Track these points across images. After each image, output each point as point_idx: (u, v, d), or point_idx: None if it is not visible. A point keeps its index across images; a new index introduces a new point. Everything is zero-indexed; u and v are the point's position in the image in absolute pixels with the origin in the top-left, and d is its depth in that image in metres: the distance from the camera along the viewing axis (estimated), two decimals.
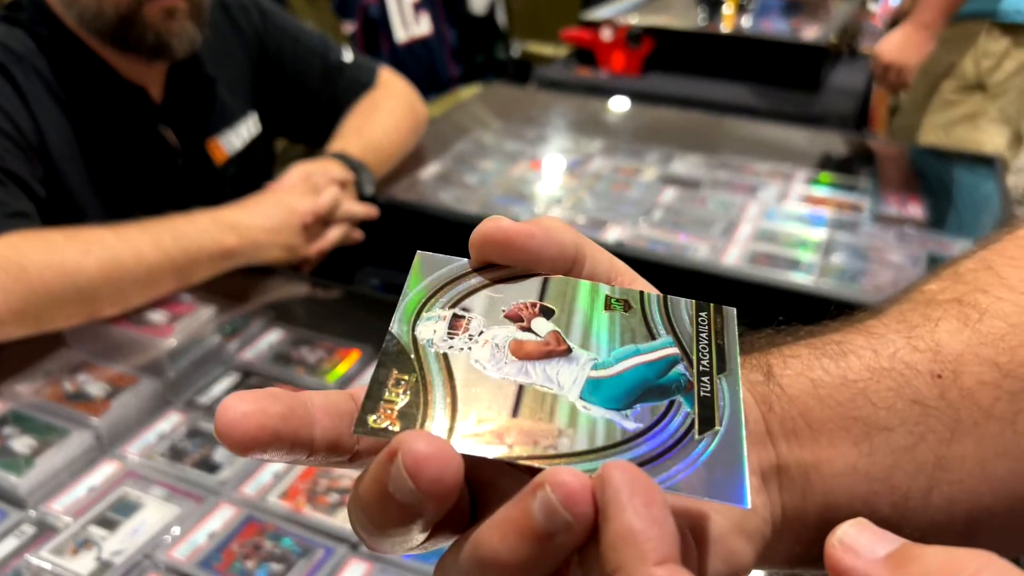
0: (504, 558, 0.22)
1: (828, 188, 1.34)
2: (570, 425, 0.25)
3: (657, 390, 0.26)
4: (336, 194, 1.13)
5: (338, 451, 0.26)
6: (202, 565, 0.67)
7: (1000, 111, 1.97)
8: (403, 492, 0.22)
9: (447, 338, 0.26)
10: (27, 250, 0.89)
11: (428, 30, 3.01)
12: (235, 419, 0.24)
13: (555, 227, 0.29)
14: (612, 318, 0.28)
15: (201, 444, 0.80)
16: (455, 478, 0.22)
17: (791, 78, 2.07)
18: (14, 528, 0.71)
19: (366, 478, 0.24)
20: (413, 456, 0.22)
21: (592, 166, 1.41)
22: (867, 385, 0.31)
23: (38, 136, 1.01)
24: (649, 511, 0.21)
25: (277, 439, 0.25)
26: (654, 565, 0.21)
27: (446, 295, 0.28)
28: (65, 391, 0.84)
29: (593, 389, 0.26)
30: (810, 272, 1.08)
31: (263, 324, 0.98)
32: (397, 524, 0.24)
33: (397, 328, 0.27)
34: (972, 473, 0.31)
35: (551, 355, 0.27)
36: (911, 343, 0.32)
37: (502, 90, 2.10)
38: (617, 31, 2.17)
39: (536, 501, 0.22)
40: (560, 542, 0.22)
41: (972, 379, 0.31)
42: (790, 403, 0.31)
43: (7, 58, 1.01)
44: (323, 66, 1.35)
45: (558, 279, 0.29)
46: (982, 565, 0.20)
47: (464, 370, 0.26)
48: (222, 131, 1.23)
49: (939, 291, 0.34)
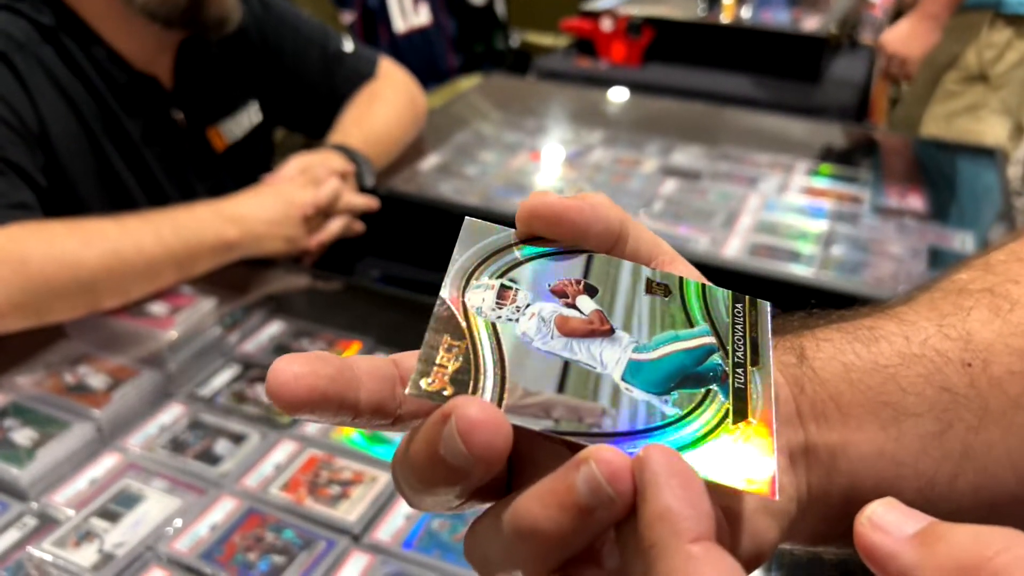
0: (544, 528, 0.23)
1: (828, 180, 1.34)
2: (613, 405, 0.25)
3: (694, 377, 0.27)
4: (336, 186, 1.13)
5: (382, 414, 0.27)
6: (204, 557, 0.68)
7: (1001, 102, 1.97)
8: (454, 455, 0.23)
9: (496, 307, 0.27)
10: (28, 242, 0.89)
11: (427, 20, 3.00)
12: (287, 380, 0.25)
13: (601, 203, 0.30)
14: (653, 302, 0.29)
15: (202, 436, 0.80)
16: (505, 445, 0.23)
17: (791, 69, 2.06)
18: (16, 520, 0.71)
19: (417, 438, 0.24)
20: (467, 421, 0.23)
21: (592, 157, 1.41)
22: (897, 371, 0.31)
23: (39, 125, 1.01)
24: (686, 493, 0.22)
25: (325, 400, 0.25)
26: (689, 543, 0.21)
27: (493, 264, 0.28)
28: (66, 383, 0.84)
29: (635, 371, 0.26)
30: (810, 264, 1.08)
31: (264, 316, 0.98)
32: (444, 484, 0.24)
33: (447, 293, 0.27)
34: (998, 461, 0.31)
35: (595, 334, 0.27)
36: (942, 331, 0.32)
37: (502, 81, 2.10)
38: (617, 21, 2.17)
39: (580, 476, 0.23)
40: (600, 517, 0.23)
41: (1001, 368, 0.31)
42: (821, 386, 0.31)
43: (8, 46, 1.00)
44: (323, 56, 1.35)
45: (601, 258, 0.29)
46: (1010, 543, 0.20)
47: (512, 341, 0.26)
48: (223, 119, 1.23)
49: (970, 281, 0.34)
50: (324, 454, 0.78)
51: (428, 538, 0.69)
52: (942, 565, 0.20)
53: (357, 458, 0.78)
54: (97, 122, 1.06)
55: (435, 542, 0.69)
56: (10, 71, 0.99)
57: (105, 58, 1.06)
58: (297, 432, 0.81)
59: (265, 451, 0.78)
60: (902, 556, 0.21)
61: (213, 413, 0.83)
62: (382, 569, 0.67)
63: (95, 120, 1.06)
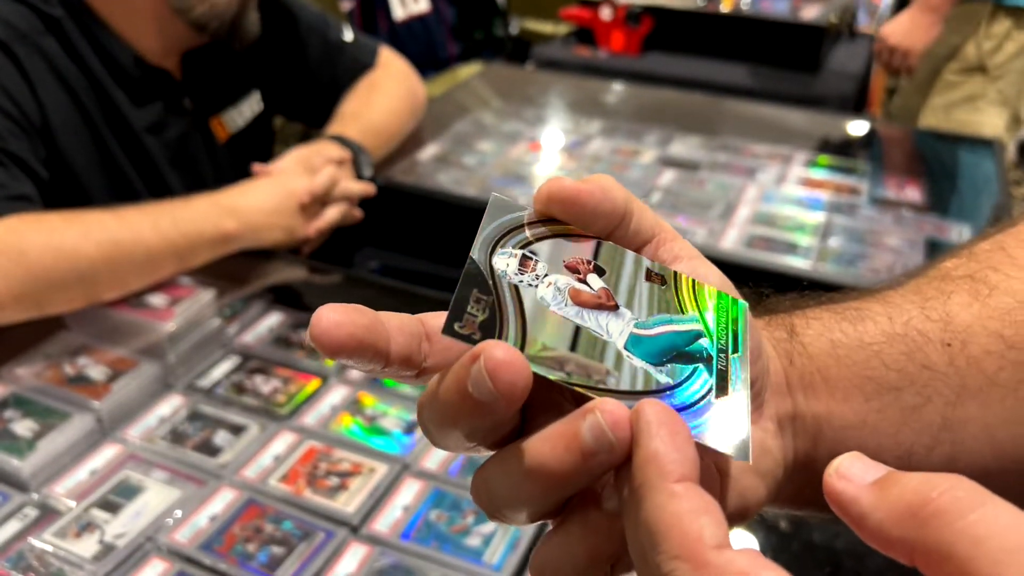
0: (550, 467, 0.26)
1: (827, 171, 1.34)
2: (616, 368, 0.29)
3: (685, 356, 0.30)
4: (333, 173, 1.13)
5: (408, 365, 0.29)
6: (204, 548, 0.68)
7: (999, 93, 1.97)
8: (481, 391, 0.25)
9: (518, 272, 0.30)
10: (27, 233, 0.89)
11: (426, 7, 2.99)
12: (329, 326, 0.27)
13: (609, 185, 0.32)
14: (651, 288, 0.32)
15: (202, 427, 0.81)
16: (526, 384, 0.25)
17: (791, 58, 2.06)
18: (17, 511, 0.71)
19: (448, 378, 0.27)
20: (494, 361, 0.25)
21: (591, 147, 1.41)
22: (881, 348, 0.34)
23: (41, 116, 1.01)
24: (673, 440, 0.25)
25: (361, 347, 0.28)
26: (673, 482, 0.24)
27: (516, 237, 0.31)
28: (66, 374, 0.85)
29: (635, 343, 0.30)
30: (808, 256, 1.08)
31: (263, 307, 0.98)
32: (468, 419, 0.27)
33: (478, 255, 0.30)
34: (974, 435, 0.33)
35: (602, 307, 0.30)
36: (924, 312, 0.35)
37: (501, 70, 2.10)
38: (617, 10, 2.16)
39: (586, 423, 0.25)
40: (600, 460, 0.26)
41: (979, 348, 0.33)
42: (810, 360, 0.34)
43: (9, 36, 1.00)
44: (323, 44, 1.34)
45: (609, 245, 0.33)
46: (953, 484, 0.22)
47: (531, 302, 0.29)
48: (226, 109, 1.24)
49: (954, 268, 0.37)
50: (323, 446, 0.79)
51: (426, 529, 0.70)
52: (893, 506, 0.22)
53: (356, 450, 0.78)
54: (99, 113, 1.07)
55: (433, 533, 0.70)
56: (11, 62, 0.99)
57: (116, 51, 1.06)
58: (296, 423, 0.81)
59: (264, 442, 0.79)
60: (861, 500, 0.23)
61: (212, 404, 0.84)
62: (380, 560, 0.67)
63: (97, 111, 1.06)
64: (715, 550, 0.23)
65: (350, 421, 0.82)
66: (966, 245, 0.38)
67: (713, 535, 0.23)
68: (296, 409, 0.83)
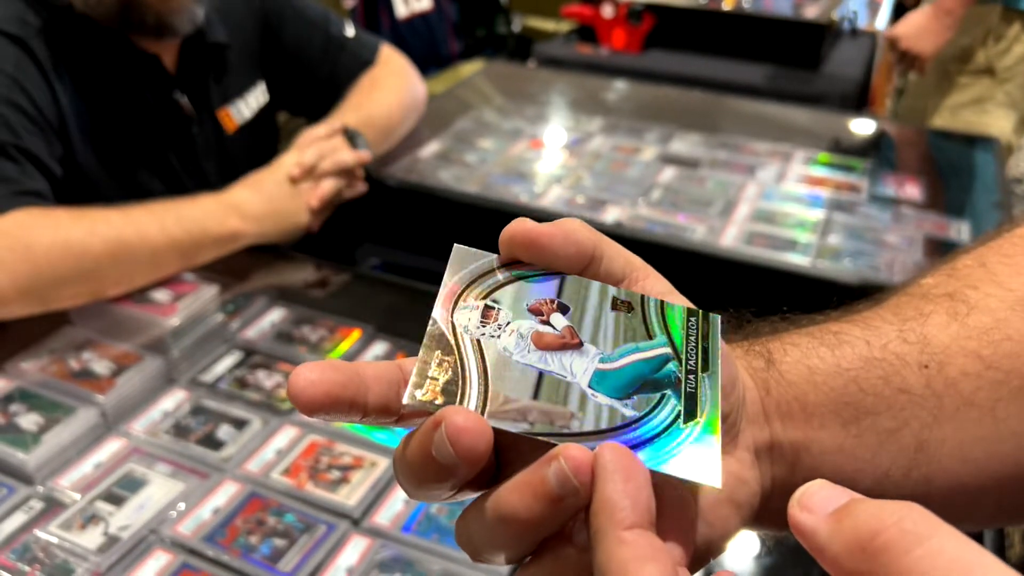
0: (520, 515, 0.27)
1: (827, 168, 1.35)
2: (581, 409, 0.29)
3: (651, 383, 0.30)
4: (320, 146, 1.14)
5: (387, 413, 0.30)
6: (207, 540, 0.69)
7: (1007, 95, 1.97)
8: (443, 455, 0.27)
9: (480, 326, 0.30)
10: (34, 229, 0.90)
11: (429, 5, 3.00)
12: (305, 386, 0.28)
13: (574, 229, 0.32)
14: (617, 318, 0.32)
15: (205, 421, 0.81)
16: (486, 447, 0.26)
17: (792, 56, 2.06)
18: (22, 503, 0.72)
19: (413, 442, 0.28)
20: (454, 427, 0.26)
21: (592, 145, 1.41)
22: (859, 373, 0.34)
23: (57, 114, 1.01)
24: (626, 486, 0.25)
25: (337, 403, 0.29)
26: (623, 529, 0.25)
27: (479, 287, 0.32)
28: (71, 369, 0.86)
29: (600, 380, 0.30)
30: (807, 253, 1.09)
31: (265, 303, 0.99)
32: (435, 480, 0.28)
33: (438, 314, 0.30)
34: (951, 455, 0.34)
35: (566, 347, 0.31)
36: (902, 335, 0.35)
37: (502, 68, 2.10)
38: (618, 8, 2.17)
39: (551, 470, 0.26)
40: (568, 504, 0.26)
41: (956, 370, 0.34)
42: (787, 388, 0.34)
43: (28, 33, 1.00)
44: (324, 39, 1.35)
45: (573, 279, 0.32)
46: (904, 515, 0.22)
47: (494, 355, 0.30)
48: (233, 100, 1.24)
49: (933, 286, 0.37)
50: (325, 439, 0.79)
51: (427, 522, 0.71)
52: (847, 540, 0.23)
53: (357, 443, 0.79)
54: (107, 105, 1.07)
55: (433, 526, 0.70)
56: (30, 58, 1.00)
57: (108, 40, 1.06)
58: (298, 418, 0.82)
59: (267, 436, 0.80)
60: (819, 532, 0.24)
61: (215, 399, 0.85)
62: (381, 552, 0.68)
63: (105, 103, 1.07)
64: None
65: None
66: (948, 260, 0.39)
67: None
68: None
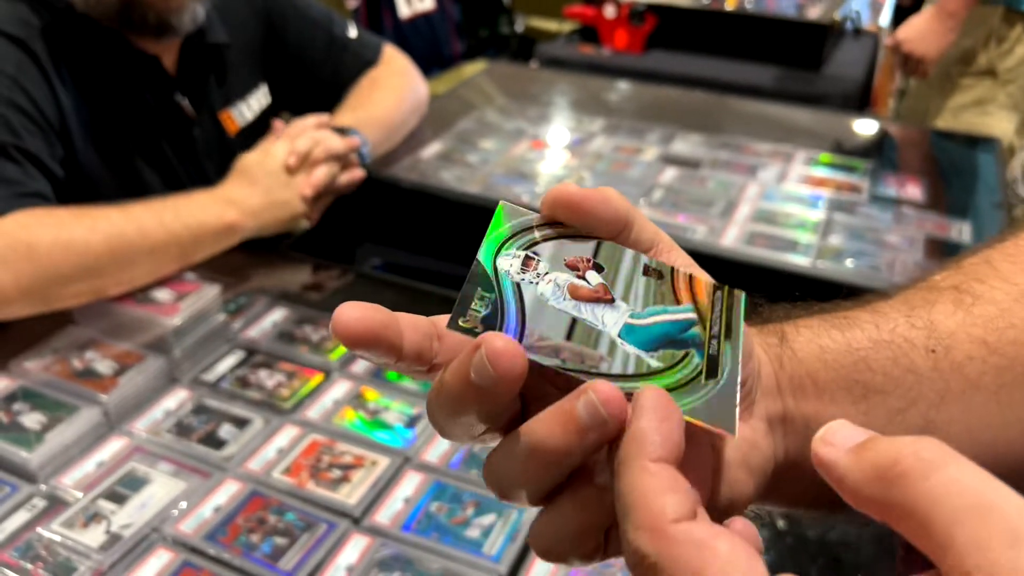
0: (549, 445, 0.28)
1: (828, 169, 1.35)
2: (610, 354, 0.31)
3: (677, 342, 0.32)
4: (312, 135, 1.14)
5: (420, 361, 0.31)
6: (208, 538, 0.69)
7: (1009, 97, 1.97)
8: (482, 376, 0.28)
9: (520, 272, 0.32)
10: (35, 228, 0.91)
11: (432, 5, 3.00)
12: (348, 321, 0.30)
13: (612, 196, 0.34)
14: (648, 283, 0.34)
15: (207, 421, 0.82)
16: (522, 370, 0.28)
17: (794, 56, 2.06)
18: (25, 502, 0.73)
19: (452, 368, 0.29)
20: (493, 349, 0.28)
21: (593, 145, 1.42)
22: (868, 353, 0.35)
23: (59, 115, 1.02)
24: (660, 423, 0.27)
25: (376, 341, 0.30)
26: (650, 460, 0.26)
27: (521, 239, 0.34)
28: (73, 368, 0.86)
29: (629, 332, 0.32)
30: (807, 253, 1.09)
31: (267, 303, 0.99)
32: (472, 405, 0.29)
33: (483, 256, 0.33)
34: (957, 436, 0.34)
35: (599, 300, 0.33)
36: (910, 321, 0.36)
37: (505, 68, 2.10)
38: (620, 8, 2.17)
39: (580, 402, 0.28)
40: (594, 436, 0.28)
41: (962, 354, 0.35)
42: (799, 364, 0.36)
43: (29, 34, 1.01)
44: (327, 39, 1.36)
45: (608, 244, 0.34)
46: (922, 446, 0.23)
47: (532, 298, 0.32)
48: (235, 102, 1.25)
49: (941, 280, 0.38)
50: (326, 439, 0.80)
51: (426, 521, 0.71)
52: (866, 469, 0.24)
53: (358, 443, 0.79)
54: (109, 107, 1.08)
55: (433, 525, 0.71)
56: (32, 61, 1.00)
57: (108, 41, 1.07)
58: (299, 417, 0.82)
59: (268, 435, 0.80)
60: (840, 464, 0.25)
61: (217, 398, 0.85)
62: (381, 551, 0.69)
63: (107, 105, 1.07)
64: (674, 524, 0.25)
65: (353, 415, 0.83)
66: (956, 259, 0.40)
67: (675, 510, 0.25)
68: (299, 403, 0.84)
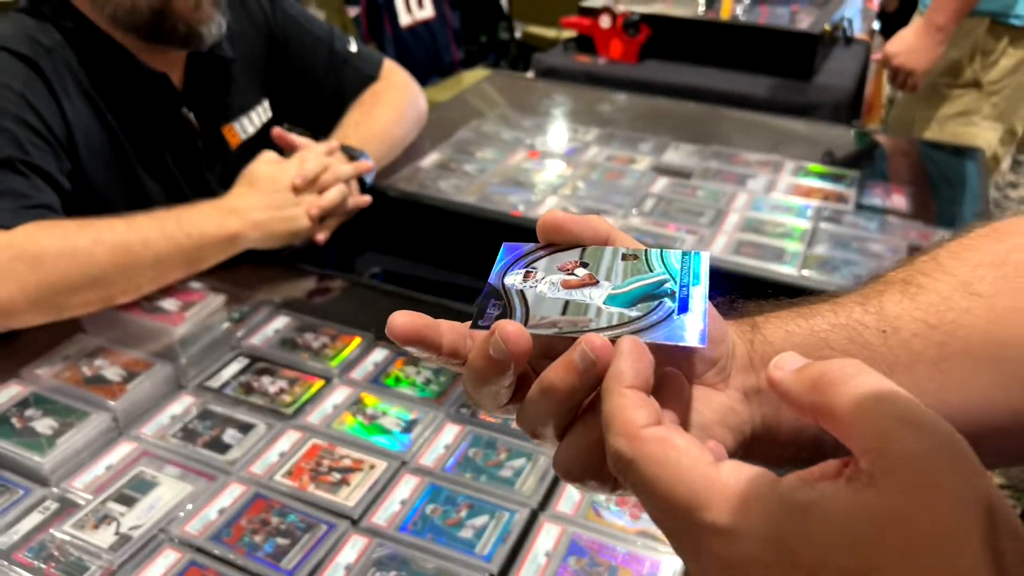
0: (557, 385, 0.37)
1: (816, 178, 1.38)
2: (596, 316, 0.39)
3: (653, 296, 0.40)
4: (322, 159, 1.17)
5: (456, 357, 0.41)
6: (213, 539, 0.73)
7: (994, 108, 1.99)
8: (499, 352, 0.37)
9: (522, 282, 0.42)
10: (42, 240, 0.93)
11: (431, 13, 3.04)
12: (400, 323, 0.39)
13: (594, 220, 0.43)
14: (626, 265, 0.42)
15: (212, 426, 0.85)
16: (527, 345, 0.37)
17: (785, 66, 2.09)
18: (38, 504, 0.76)
19: (475, 351, 0.39)
20: (505, 331, 0.37)
21: (587, 155, 1.45)
22: (828, 335, 0.42)
23: (66, 131, 1.05)
24: (633, 361, 0.35)
25: (421, 339, 0.40)
26: (625, 387, 0.34)
27: (521, 262, 0.43)
28: (83, 375, 0.89)
29: (612, 299, 0.40)
30: (793, 263, 1.12)
31: (269, 312, 1.02)
32: (494, 374, 0.38)
33: (493, 279, 0.43)
34: None
35: (586, 285, 0.41)
36: (864, 308, 0.43)
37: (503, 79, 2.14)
38: (616, 19, 2.20)
39: (576, 351, 0.36)
40: (589, 375, 0.36)
41: (908, 333, 0.42)
42: (769, 346, 0.43)
43: (37, 52, 1.04)
44: (329, 55, 1.39)
45: (592, 248, 0.43)
46: (844, 362, 0.31)
47: (533, 296, 0.41)
48: (237, 117, 1.28)
49: (893, 274, 0.45)
50: (326, 443, 0.83)
51: (422, 522, 0.74)
52: (803, 381, 0.32)
53: (357, 447, 0.83)
54: (117, 122, 1.11)
55: (428, 526, 0.74)
56: (40, 78, 1.03)
57: (119, 59, 1.10)
58: (301, 422, 0.86)
59: (271, 440, 0.83)
60: (785, 381, 0.33)
61: (222, 404, 0.88)
62: (378, 551, 0.72)
63: (115, 121, 1.10)
64: (644, 428, 0.33)
65: (352, 420, 0.86)
66: (909, 257, 0.46)
67: (645, 419, 0.33)
68: (301, 408, 0.88)
